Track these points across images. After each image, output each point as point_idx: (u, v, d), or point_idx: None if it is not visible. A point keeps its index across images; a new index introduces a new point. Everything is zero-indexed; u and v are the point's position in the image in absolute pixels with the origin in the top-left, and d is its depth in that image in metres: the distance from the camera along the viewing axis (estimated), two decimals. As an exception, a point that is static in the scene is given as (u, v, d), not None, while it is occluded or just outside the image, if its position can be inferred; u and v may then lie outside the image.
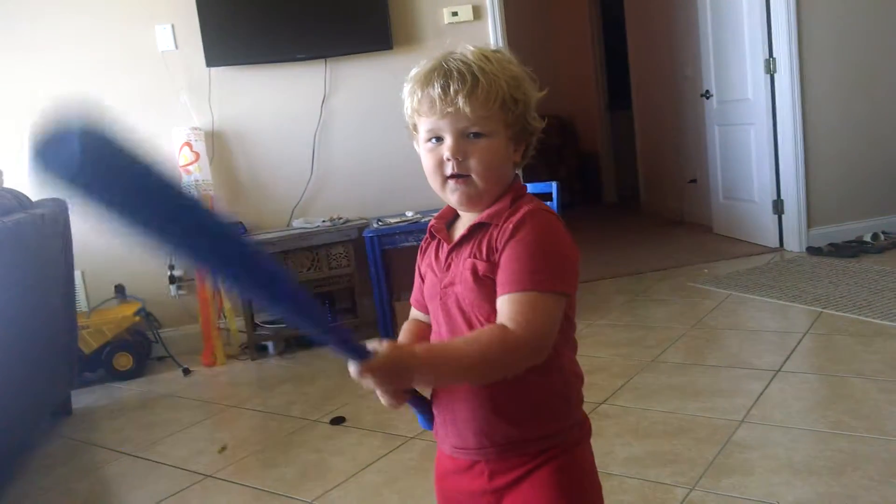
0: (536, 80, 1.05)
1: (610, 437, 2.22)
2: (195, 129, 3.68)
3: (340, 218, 3.73)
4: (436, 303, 1.06)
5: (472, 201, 1.03)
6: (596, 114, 7.55)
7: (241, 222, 3.79)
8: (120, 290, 3.76)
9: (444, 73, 0.98)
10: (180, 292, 3.84)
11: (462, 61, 0.98)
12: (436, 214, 1.13)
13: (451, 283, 1.03)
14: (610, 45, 7.26)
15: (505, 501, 1.02)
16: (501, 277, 0.96)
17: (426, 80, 0.99)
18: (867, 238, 4.20)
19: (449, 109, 0.97)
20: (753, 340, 3.00)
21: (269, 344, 3.67)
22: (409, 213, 3.71)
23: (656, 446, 2.14)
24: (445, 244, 1.07)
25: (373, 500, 2.05)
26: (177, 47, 3.72)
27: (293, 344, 3.69)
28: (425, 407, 1.07)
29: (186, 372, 3.48)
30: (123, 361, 3.50)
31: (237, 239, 0.76)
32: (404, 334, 1.14)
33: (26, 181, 2.98)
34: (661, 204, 6.27)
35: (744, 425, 2.19)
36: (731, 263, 4.27)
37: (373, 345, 0.87)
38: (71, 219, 3.05)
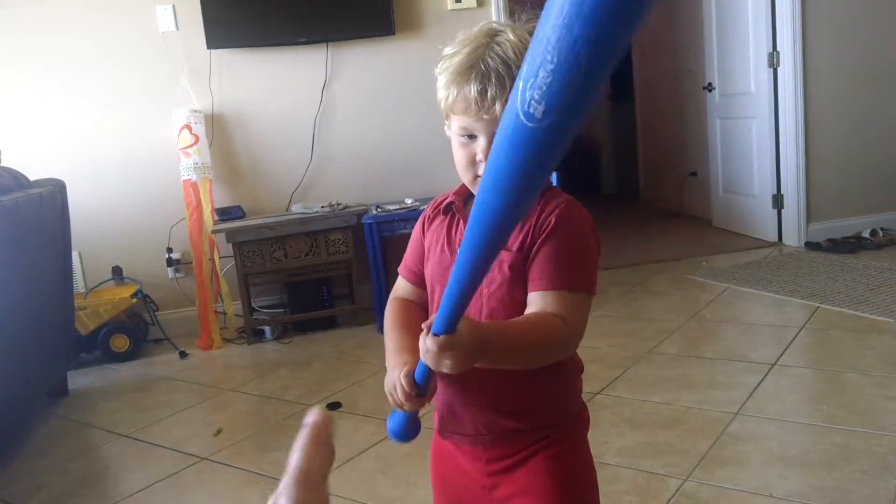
0: None
1: (605, 426, 2.23)
2: (195, 111, 3.67)
3: (339, 204, 3.73)
4: (445, 282, 1.04)
5: None
6: (597, 104, 7.51)
7: (239, 206, 3.78)
8: (117, 271, 3.75)
9: (482, 75, 0.93)
10: (178, 275, 3.84)
11: (502, 60, 0.92)
12: (453, 191, 1.09)
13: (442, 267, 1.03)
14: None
15: (501, 485, 1.03)
16: (547, 270, 0.95)
17: (463, 78, 0.94)
18: (866, 234, 4.21)
19: (485, 116, 0.94)
20: (750, 334, 3.00)
21: (266, 328, 3.67)
22: (409, 201, 3.70)
23: (651, 437, 2.14)
24: (464, 224, 1.03)
25: (368, 485, 2.05)
26: (177, 28, 3.69)
27: (290, 329, 3.70)
28: (412, 421, 1.02)
29: (183, 355, 3.48)
30: (120, 343, 3.49)
31: None
32: (403, 331, 1.06)
33: (24, 160, 2.96)
34: (660, 196, 6.26)
35: (738, 418, 2.20)
36: (730, 257, 4.27)
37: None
38: (69, 199, 3.05)
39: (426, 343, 0.82)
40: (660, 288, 3.81)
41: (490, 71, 0.92)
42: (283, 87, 3.82)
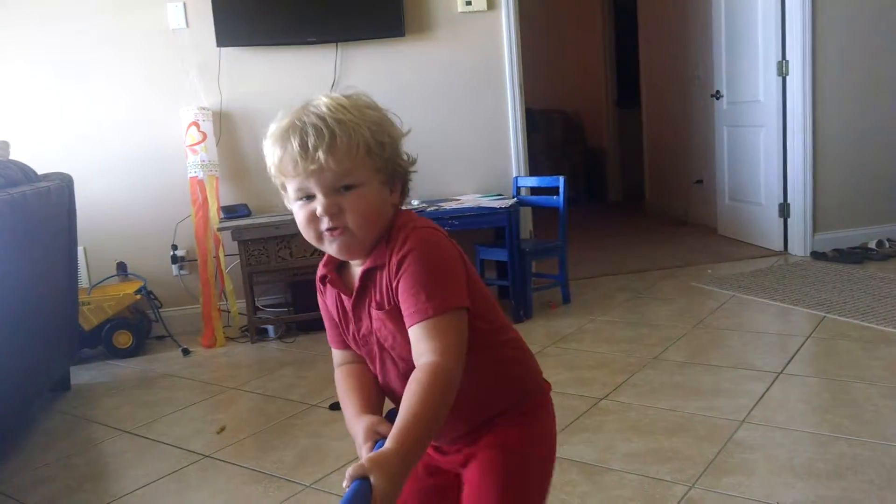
0: (399, 121, 1.05)
1: (610, 432, 2.22)
2: (203, 108, 3.67)
3: (346, 204, 3.71)
4: (362, 349, 1.09)
5: (352, 251, 1.02)
6: (603, 110, 7.52)
7: (245, 204, 3.78)
8: (122, 267, 3.75)
9: (300, 131, 0.96)
10: (182, 272, 3.84)
11: (317, 115, 0.97)
12: (321, 262, 1.11)
13: (369, 333, 1.06)
14: (621, 41, 7.22)
15: (469, 464, 1.10)
16: (405, 310, 0.98)
17: (283, 139, 0.98)
18: (872, 245, 4.20)
19: (312, 167, 0.96)
20: (756, 342, 2.99)
21: (270, 327, 3.66)
22: (415, 202, 3.70)
23: (656, 443, 2.13)
24: (346, 297, 1.07)
25: (371, 485, 2.04)
26: (188, 26, 3.70)
27: (293, 328, 3.69)
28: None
29: (186, 352, 3.48)
30: (123, 339, 3.49)
31: None
32: (353, 393, 1.08)
33: (32, 154, 2.95)
34: (665, 203, 6.26)
35: (745, 425, 2.19)
36: (735, 265, 4.26)
37: (357, 471, 0.84)
38: (75, 194, 3.05)
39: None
40: (665, 295, 3.80)
41: (307, 125, 0.96)
42: (291, 87, 3.82)
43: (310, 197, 0.99)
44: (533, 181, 3.96)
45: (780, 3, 4.22)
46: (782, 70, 4.27)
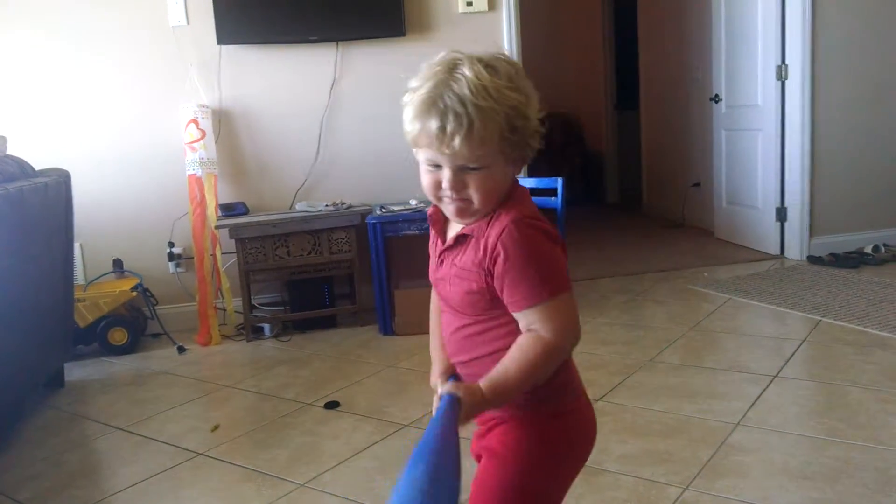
0: (537, 95, 1.05)
1: (605, 433, 2.22)
2: (202, 106, 3.66)
3: (344, 203, 3.72)
4: (436, 287, 1.17)
5: (465, 217, 1.07)
6: (602, 113, 7.53)
7: (243, 202, 3.78)
8: (118, 264, 3.74)
9: (441, 112, 0.98)
10: (178, 270, 3.83)
11: (459, 97, 0.97)
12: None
13: (443, 279, 1.13)
14: (621, 44, 7.23)
15: (486, 436, 1.16)
16: (514, 297, 1.03)
17: (423, 115, 1.00)
18: (868, 250, 4.20)
19: (446, 151, 0.99)
20: (751, 345, 2.99)
21: (265, 326, 3.65)
22: (413, 202, 3.69)
23: (651, 445, 2.13)
24: (440, 241, 1.14)
25: (365, 485, 2.04)
26: (188, 23, 3.69)
27: (289, 327, 3.68)
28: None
29: (181, 350, 3.47)
30: (118, 336, 3.48)
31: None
32: (434, 324, 1.23)
33: (29, 149, 2.93)
34: (663, 206, 6.26)
35: (739, 428, 2.19)
36: (732, 268, 4.27)
37: (449, 389, 1.01)
38: (72, 190, 3.04)
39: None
40: (661, 297, 3.80)
41: (448, 109, 0.97)
42: (291, 85, 3.82)
43: (437, 166, 1.04)
44: (531, 182, 3.94)
45: (780, 7, 4.22)
46: (781, 74, 4.27)
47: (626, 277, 4.24)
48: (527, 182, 3.95)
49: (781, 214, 4.41)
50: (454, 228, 1.12)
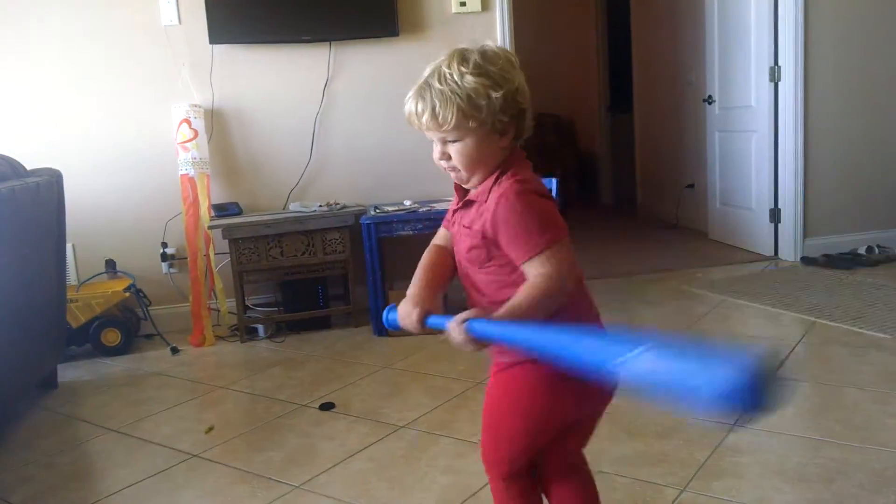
0: (513, 70, 1.24)
1: (601, 435, 2.18)
2: (195, 105, 3.64)
3: (337, 203, 3.70)
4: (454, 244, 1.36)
5: (461, 181, 1.29)
6: (596, 114, 7.53)
7: (236, 202, 3.76)
8: (111, 264, 3.71)
9: (415, 98, 1.22)
10: (172, 270, 3.81)
11: (428, 86, 1.20)
12: None
13: (454, 236, 1.34)
14: (614, 46, 7.23)
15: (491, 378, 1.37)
16: (516, 253, 1.21)
17: (412, 96, 1.23)
18: (861, 251, 4.21)
19: (420, 127, 1.24)
20: (746, 346, 2.99)
21: (259, 327, 3.64)
22: (408, 203, 3.69)
23: (648, 446, 2.13)
24: (456, 203, 1.33)
25: (360, 487, 2.03)
26: (180, 22, 3.67)
27: (283, 327, 3.67)
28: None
29: (175, 351, 3.45)
30: (111, 337, 3.46)
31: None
32: (428, 257, 1.39)
33: (21, 149, 2.90)
34: (657, 207, 6.27)
35: (735, 429, 2.19)
36: (726, 269, 4.27)
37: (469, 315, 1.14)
38: (65, 191, 3.02)
39: (457, 331, 1.14)
40: (656, 298, 3.80)
41: (419, 96, 1.22)
42: (284, 85, 3.80)
43: (433, 141, 1.26)
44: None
45: (773, 9, 4.23)
46: (774, 76, 4.28)
47: (620, 278, 4.24)
48: (521, 183, 3.95)
49: (775, 216, 4.42)
50: (467, 195, 1.31)
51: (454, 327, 1.14)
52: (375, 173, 3.90)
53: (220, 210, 3.67)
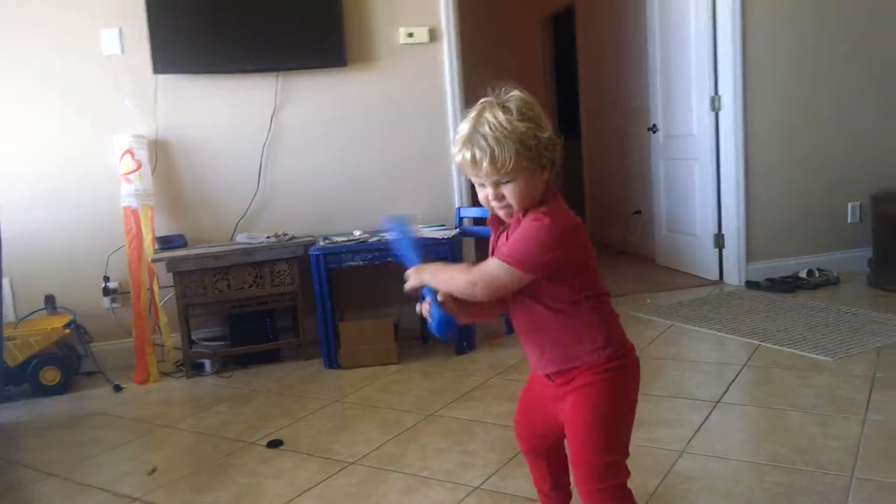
0: (546, 120, 1.42)
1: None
2: (138, 136, 3.58)
3: (286, 234, 3.66)
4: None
5: (511, 216, 1.45)
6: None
7: (181, 234, 3.69)
8: (50, 300, 3.60)
9: (472, 146, 1.37)
10: (114, 305, 3.70)
11: (482, 135, 1.36)
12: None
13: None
14: (562, 73, 7.36)
15: (565, 400, 1.49)
16: (501, 250, 1.44)
17: (463, 147, 1.39)
18: (803, 274, 4.33)
19: (480, 173, 1.39)
20: (694, 371, 3.03)
21: (206, 362, 3.55)
22: (357, 233, 3.67)
23: (599, 476, 2.12)
24: (498, 232, 1.53)
25: (309, 526, 1.98)
26: (123, 52, 3.61)
27: (231, 362, 3.59)
28: (443, 314, 1.48)
29: (117, 389, 3.35)
30: (50, 376, 3.34)
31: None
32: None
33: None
34: (605, 233, 6.36)
35: (685, 455, 2.21)
36: (673, 294, 4.34)
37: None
38: (1, 224, 2.92)
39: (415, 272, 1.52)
40: (606, 324, 3.82)
41: (476, 143, 1.37)
42: (230, 115, 3.76)
43: (482, 185, 1.42)
44: (475, 212, 3.97)
45: (712, 39, 4.36)
46: (715, 105, 4.40)
47: (571, 305, 4.26)
48: (471, 211, 3.98)
49: (719, 241, 4.52)
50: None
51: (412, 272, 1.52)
52: (324, 204, 3.88)
53: (165, 242, 3.59)
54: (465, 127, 1.40)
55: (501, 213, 1.45)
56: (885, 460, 2.09)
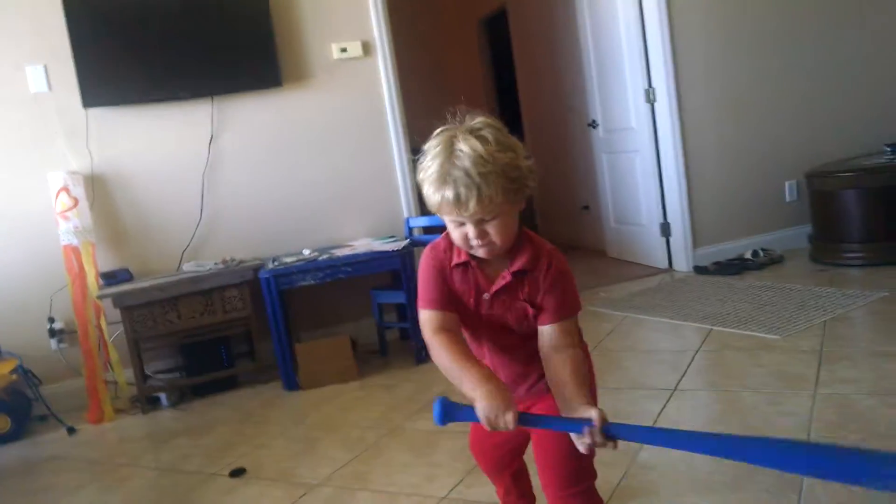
0: (522, 146, 1.34)
1: (517, 468, 2.21)
2: (73, 173, 3.50)
3: (234, 259, 3.62)
4: (477, 322, 1.42)
5: (493, 254, 1.35)
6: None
7: (126, 268, 3.61)
8: (-6, 347, 3.50)
9: (454, 184, 1.24)
10: (62, 345, 3.61)
11: (464, 169, 1.23)
12: (455, 253, 1.40)
13: (499, 314, 1.40)
14: (501, 77, 7.41)
15: (534, 405, 1.48)
16: (548, 312, 1.37)
17: (439, 187, 1.26)
18: (748, 255, 4.42)
19: (465, 213, 1.26)
20: (650, 361, 3.08)
21: (162, 395, 3.49)
22: (307, 252, 3.64)
23: (563, 474, 2.14)
24: (486, 283, 1.39)
25: (277, 555, 1.96)
26: (50, 89, 3.53)
27: (188, 393, 3.53)
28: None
29: (71, 431, 3.26)
30: (0, 424, 3.24)
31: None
32: (462, 349, 1.34)
33: None
34: (556, 230, 6.41)
35: (645, 447, 2.23)
36: (625, 286, 4.40)
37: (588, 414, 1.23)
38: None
39: (599, 437, 1.20)
40: (561, 321, 3.85)
41: (458, 181, 1.24)
42: (166, 144, 3.71)
43: (461, 223, 1.31)
44: (424, 220, 3.97)
45: (642, 34, 4.44)
46: (650, 97, 4.48)
47: (526, 305, 4.29)
48: (419, 220, 3.98)
49: (665, 230, 4.60)
50: (498, 268, 1.39)
51: (595, 433, 1.20)
52: (271, 225, 3.84)
53: (109, 278, 3.51)
54: (435, 163, 1.27)
55: (481, 252, 1.34)
56: (837, 432, 2.15)
